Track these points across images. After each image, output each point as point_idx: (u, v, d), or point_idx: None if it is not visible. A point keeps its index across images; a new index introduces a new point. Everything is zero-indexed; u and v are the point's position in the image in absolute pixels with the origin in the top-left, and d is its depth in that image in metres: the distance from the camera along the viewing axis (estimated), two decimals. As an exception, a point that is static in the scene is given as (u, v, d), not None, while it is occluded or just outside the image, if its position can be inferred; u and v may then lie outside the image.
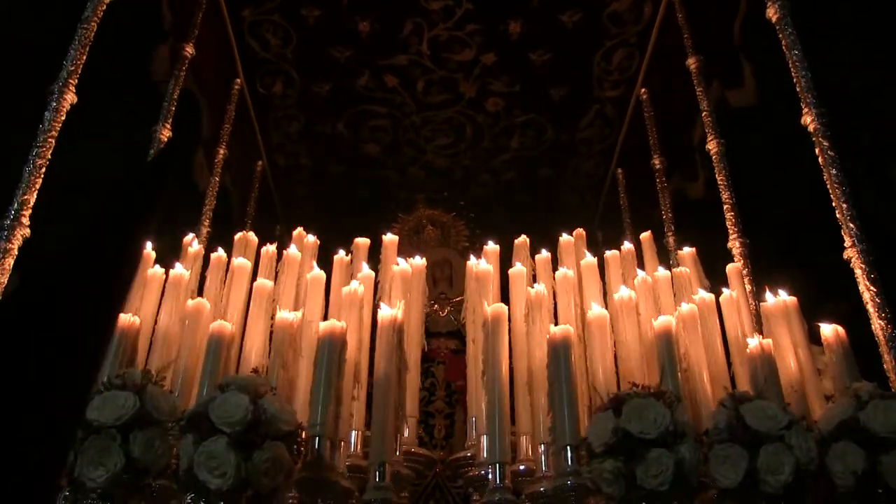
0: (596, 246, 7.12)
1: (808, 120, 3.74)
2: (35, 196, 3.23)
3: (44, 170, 3.30)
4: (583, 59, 6.17)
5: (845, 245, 3.36)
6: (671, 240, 5.41)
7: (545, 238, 4.20)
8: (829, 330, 2.99)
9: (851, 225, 3.38)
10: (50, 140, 3.38)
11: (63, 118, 3.47)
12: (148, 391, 2.35)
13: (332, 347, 2.66)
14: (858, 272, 3.28)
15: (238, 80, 6.12)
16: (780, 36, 4.06)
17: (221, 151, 5.68)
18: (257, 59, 6.09)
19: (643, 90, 6.29)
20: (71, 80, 3.55)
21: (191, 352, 2.92)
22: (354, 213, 7.43)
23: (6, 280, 3.03)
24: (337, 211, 7.48)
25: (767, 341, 2.85)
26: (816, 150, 3.67)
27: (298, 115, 6.69)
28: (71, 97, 3.51)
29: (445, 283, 5.94)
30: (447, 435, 4.85)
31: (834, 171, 3.55)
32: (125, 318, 2.78)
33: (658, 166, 5.89)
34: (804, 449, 2.32)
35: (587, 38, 5.94)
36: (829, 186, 3.55)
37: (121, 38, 4.32)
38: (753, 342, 2.83)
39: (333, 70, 6.21)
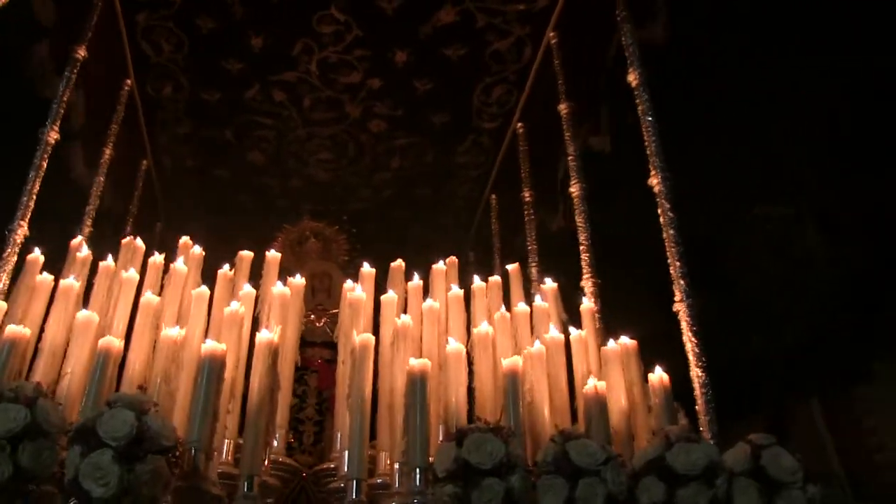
0: (467, 266, 7.57)
1: (654, 181, 4.18)
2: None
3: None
4: (464, 91, 6.49)
5: (675, 299, 3.83)
6: (534, 270, 5.76)
7: (420, 253, 4.50)
8: (654, 376, 3.44)
9: (682, 281, 3.85)
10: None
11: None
12: (39, 404, 2.55)
13: (211, 368, 2.92)
14: (684, 324, 3.74)
15: (128, 81, 6.18)
16: (637, 101, 4.49)
17: (107, 151, 5.74)
18: (149, 63, 6.17)
19: (519, 125, 6.65)
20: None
21: (77, 363, 3.10)
22: (237, 216, 7.65)
23: None
24: (220, 213, 7.64)
25: (601, 384, 3.25)
26: (659, 210, 4.12)
27: (186, 120, 6.79)
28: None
29: (324, 295, 6.16)
30: (316, 441, 5.08)
31: (672, 232, 4.00)
32: (15, 330, 2.95)
33: (527, 199, 6.26)
34: (616, 482, 2.77)
35: (469, 72, 6.27)
36: (666, 244, 4.00)
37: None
38: (589, 384, 3.24)
39: (224, 80, 6.35)
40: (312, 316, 5.68)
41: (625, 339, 3.73)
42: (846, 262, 6.24)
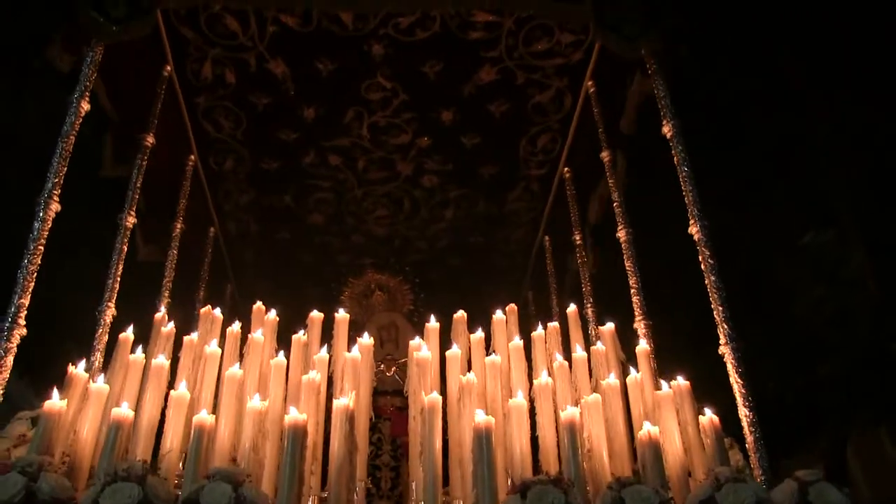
0: (526, 305, 7.77)
1: (693, 230, 4.37)
2: (29, 299, 3.67)
3: (35, 274, 3.74)
4: (510, 142, 6.78)
5: (720, 342, 4.01)
6: (590, 311, 5.94)
7: (479, 298, 4.71)
8: (705, 419, 3.61)
9: (726, 326, 4.03)
10: (39, 247, 3.82)
11: (49, 226, 3.92)
12: (148, 481, 2.86)
13: (295, 437, 3.18)
14: (730, 366, 3.93)
15: (192, 157, 6.59)
16: (673, 152, 4.66)
17: (178, 225, 6.12)
18: (210, 139, 6.59)
19: (566, 170, 6.88)
20: (55, 191, 4.00)
21: (174, 438, 3.41)
22: (301, 274, 8.03)
23: (7, 375, 3.49)
24: (284, 272, 8.06)
25: (654, 429, 3.44)
26: (700, 257, 4.30)
27: (248, 188, 7.21)
28: (56, 206, 3.96)
29: (392, 345, 6.39)
30: (393, 486, 5.30)
31: (713, 278, 4.18)
32: (120, 412, 3.26)
33: (578, 241, 6.48)
34: (669, 525, 2.96)
35: (513, 124, 6.56)
36: (708, 289, 4.19)
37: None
38: (643, 430, 3.43)
39: (281, 149, 6.75)
40: (382, 366, 5.90)
41: (678, 381, 3.88)
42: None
